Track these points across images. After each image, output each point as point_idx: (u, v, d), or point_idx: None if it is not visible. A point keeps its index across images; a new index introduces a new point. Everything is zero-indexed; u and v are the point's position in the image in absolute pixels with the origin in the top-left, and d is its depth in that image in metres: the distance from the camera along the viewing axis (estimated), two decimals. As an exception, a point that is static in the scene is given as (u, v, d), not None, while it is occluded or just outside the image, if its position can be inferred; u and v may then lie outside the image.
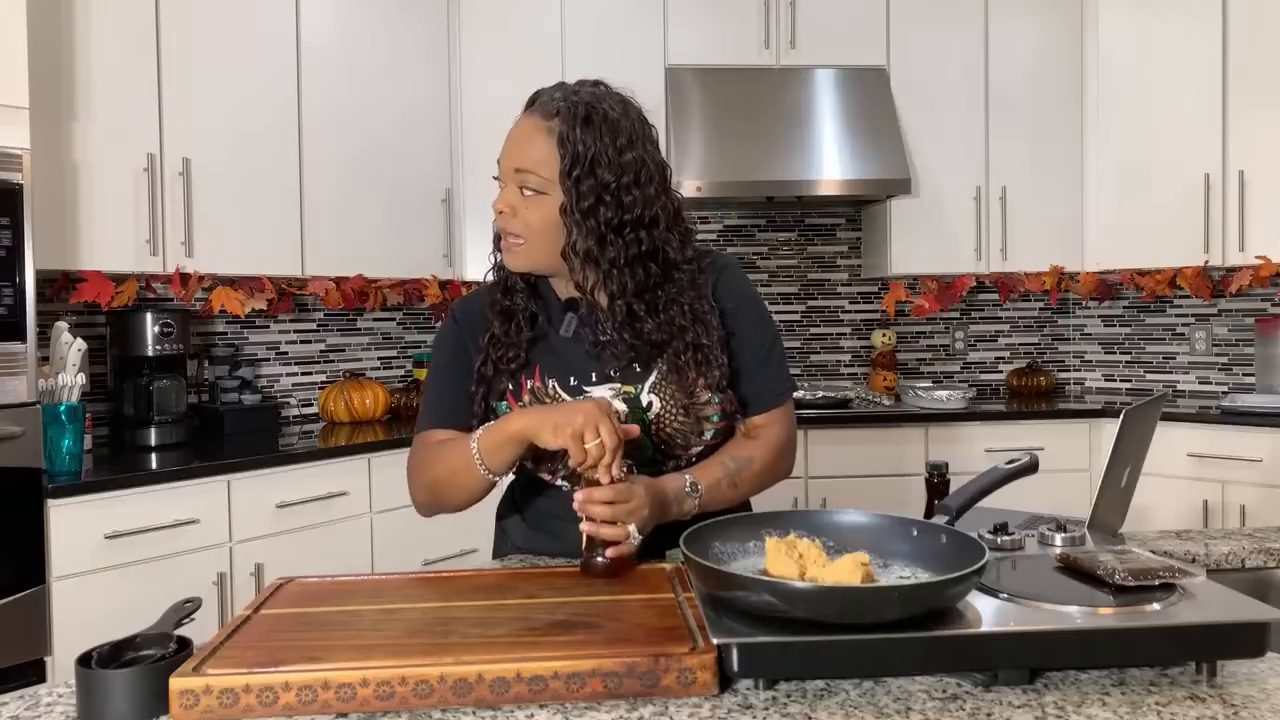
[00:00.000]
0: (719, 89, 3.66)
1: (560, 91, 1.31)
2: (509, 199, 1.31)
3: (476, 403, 1.37)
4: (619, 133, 1.28)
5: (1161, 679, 0.92)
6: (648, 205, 1.29)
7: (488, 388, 1.37)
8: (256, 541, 2.66)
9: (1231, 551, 1.55)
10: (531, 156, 1.28)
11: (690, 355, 1.33)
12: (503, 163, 1.31)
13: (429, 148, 3.55)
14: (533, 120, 1.30)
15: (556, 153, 1.26)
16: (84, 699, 0.86)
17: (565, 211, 1.27)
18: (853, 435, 3.46)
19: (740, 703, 0.88)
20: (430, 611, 1.05)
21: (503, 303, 1.38)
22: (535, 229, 1.29)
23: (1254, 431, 3.20)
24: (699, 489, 1.31)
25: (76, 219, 2.61)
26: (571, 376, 1.36)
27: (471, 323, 1.41)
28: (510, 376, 1.37)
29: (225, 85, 2.94)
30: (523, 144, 1.29)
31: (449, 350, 1.43)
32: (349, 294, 3.37)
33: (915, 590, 0.93)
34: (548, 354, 1.38)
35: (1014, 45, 3.82)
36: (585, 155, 1.26)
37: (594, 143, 1.26)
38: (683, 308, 1.33)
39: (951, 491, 1.30)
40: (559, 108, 1.28)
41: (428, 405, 1.43)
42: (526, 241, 1.31)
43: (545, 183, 1.28)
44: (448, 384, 1.41)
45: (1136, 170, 3.69)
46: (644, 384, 1.35)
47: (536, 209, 1.29)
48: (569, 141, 1.26)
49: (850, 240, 4.16)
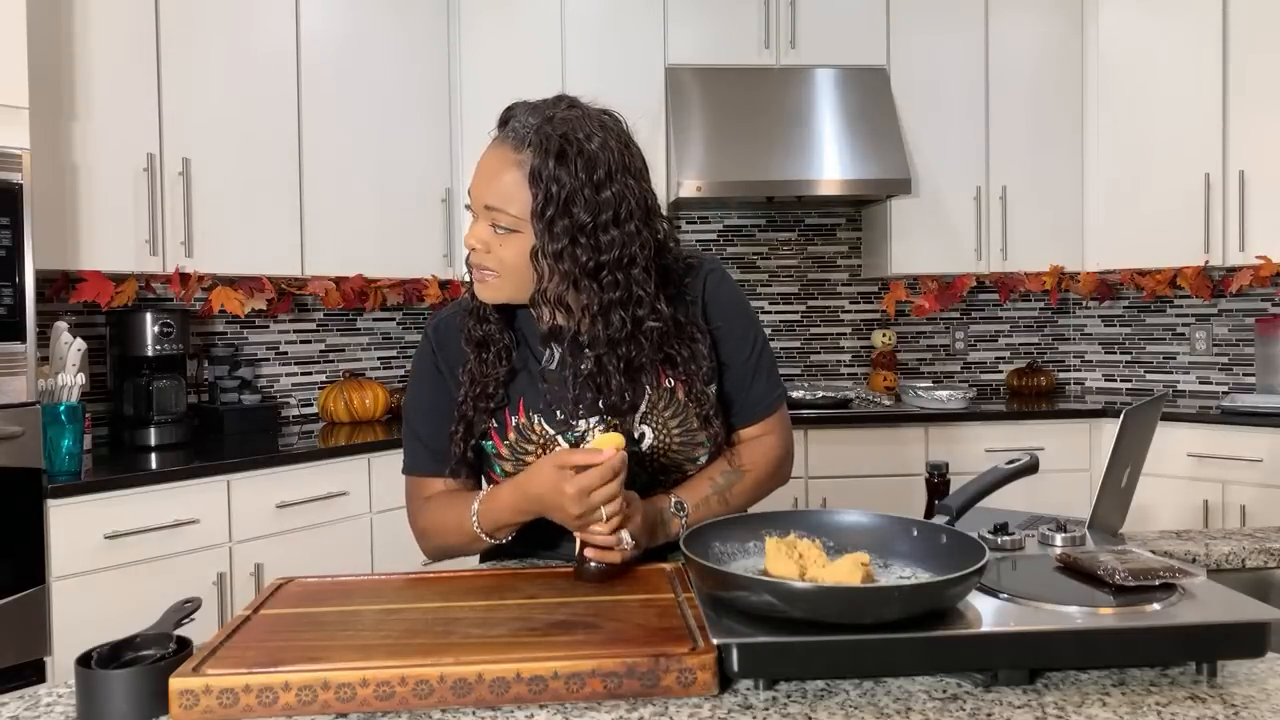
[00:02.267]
0: (719, 89, 3.66)
1: (534, 117, 1.20)
2: (480, 234, 1.22)
3: (456, 443, 1.31)
4: (596, 166, 1.18)
5: (1161, 679, 0.92)
6: (627, 244, 1.20)
7: (468, 428, 1.30)
8: (256, 541, 2.66)
9: (1231, 551, 1.55)
10: (501, 193, 1.19)
11: (674, 371, 1.29)
12: (473, 195, 1.23)
13: (429, 148, 3.55)
14: (502, 151, 1.20)
15: (528, 190, 1.17)
16: (84, 699, 0.86)
17: (536, 255, 1.19)
18: (853, 435, 3.46)
19: (740, 703, 0.88)
20: (430, 611, 1.05)
21: (476, 332, 1.30)
22: (509, 266, 1.22)
23: (1254, 431, 3.20)
24: (685, 508, 1.29)
25: (76, 219, 2.61)
26: (558, 411, 1.29)
27: (447, 349, 1.35)
28: (492, 414, 1.31)
29: (225, 85, 2.94)
30: (492, 179, 1.20)
31: (427, 381, 1.37)
32: (349, 294, 3.37)
33: (915, 590, 0.93)
34: (530, 387, 1.31)
35: (1014, 45, 3.82)
36: (559, 195, 1.16)
37: (569, 180, 1.16)
38: (663, 349, 1.27)
39: (951, 491, 1.30)
40: (530, 138, 1.18)
41: (412, 447, 1.38)
42: (500, 276, 1.23)
43: (516, 221, 1.19)
44: (429, 424, 1.35)
45: (1137, 170, 3.69)
46: (634, 416, 1.29)
47: (509, 246, 1.21)
48: (541, 180, 1.16)
49: (850, 240, 4.16)
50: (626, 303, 1.22)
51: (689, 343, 1.29)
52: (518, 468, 1.30)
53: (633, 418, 1.29)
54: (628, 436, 1.26)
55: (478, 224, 1.23)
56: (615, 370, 1.25)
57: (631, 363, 1.26)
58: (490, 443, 1.33)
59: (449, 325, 1.36)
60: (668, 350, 1.28)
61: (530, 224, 1.18)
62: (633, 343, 1.24)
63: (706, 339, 1.32)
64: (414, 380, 1.40)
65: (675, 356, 1.29)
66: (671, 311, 1.27)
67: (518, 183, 1.18)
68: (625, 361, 1.25)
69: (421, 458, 1.36)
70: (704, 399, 1.30)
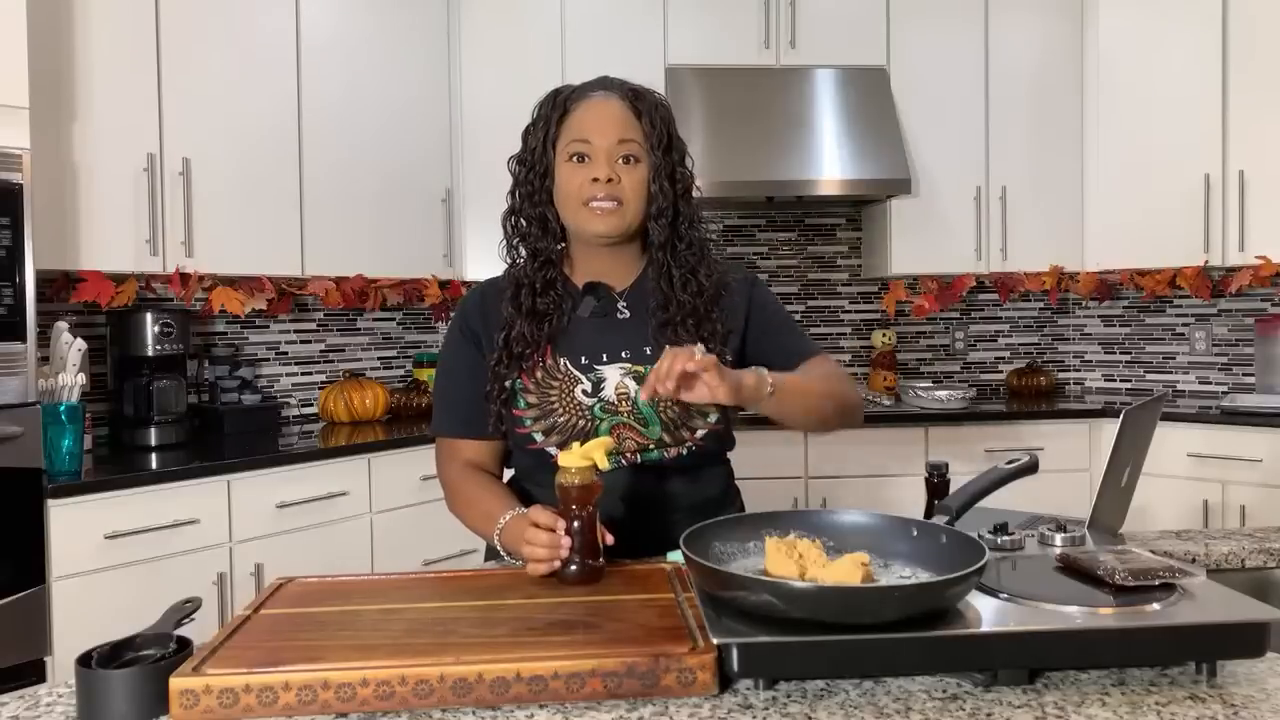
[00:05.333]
0: (719, 89, 3.66)
1: (621, 82, 1.46)
2: (609, 169, 1.39)
3: (492, 400, 1.42)
4: (673, 119, 1.46)
5: (1161, 679, 0.92)
6: (692, 181, 1.46)
7: (501, 384, 1.42)
8: (256, 541, 2.66)
9: (1231, 551, 1.55)
10: (630, 126, 1.40)
11: (697, 338, 1.39)
12: (596, 138, 1.39)
13: (429, 147, 3.55)
14: (612, 101, 1.42)
15: (645, 128, 1.41)
16: (84, 699, 0.87)
17: (656, 175, 1.41)
18: (853, 435, 3.45)
19: (740, 703, 0.88)
20: (430, 611, 1.05)
21: (535, 304, 1.41)
22: (631, 193, 1.39)
23: (1254, 431, 3.20)
24: (768, 378, 1.27)
25: (76, 219, 2.61)
26: (583, 356, 1.41)
27: (481, 314, 1.47)
28: (523, 364, 1.42)
29: (225, 85, 2.94)
30: (615, 120, 1.40)
31: (456, 346, 1.49)
32: (349, 294, 3.37)
33: (915, 590, 0.93)
34: (560, 335, 1.43)
35: (1014, 45, 3.82)
36: (666, 131, 1.43)
37: (669, 121, 1.44)
38: (707, 292, 1.43)
39: (951, 491, 1.30)
40: (637, 90, 1.44)
41: (443, 403, 1.51)
42: (624, 205, 1.39)
43: (640, 150, 1.40)
44: (456, 389, 1.48)
45: (1137, 170, 3.69)
46: (653, 365, 1.36)
47: (634, 174, 1.40)
48: (655, 118, 1.42)
49: (850, 240, 4.16)
50: (694, 221, 1.46)
51: (713, 321, 1.43)
52: (541, 400, 1.41)
53: (650, 367, 1.36)
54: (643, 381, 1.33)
55: (599, 164, 1.38)
56: (680, 279, 1.42)
57: (674, 318, 1.41)
58: (519, 380, 1.42)
59: (485, 292, 1.50)
60: (701, 319, 1.42)
61: (648, 153, 1.41)
62: (685, 291, 1.42)
63: (725, 331, 1.44)
64: (445, 346, 1.53)
65: (703, 329, 1.42)
66: (711, 287, 1.44)
67: (635, 120, 1.41)
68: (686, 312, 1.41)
69: (448, 420, 1.50)
70: (719, 355, 1.38)
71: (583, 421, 1.38)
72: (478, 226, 3.58)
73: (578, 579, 1.16)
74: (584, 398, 1.39)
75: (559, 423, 1.39)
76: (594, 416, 1.38)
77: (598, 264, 1.46)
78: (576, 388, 1.40)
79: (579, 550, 1.17)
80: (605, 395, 1.39)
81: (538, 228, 1.43)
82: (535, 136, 1.43)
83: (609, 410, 1.39)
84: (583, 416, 1.38)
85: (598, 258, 1.45)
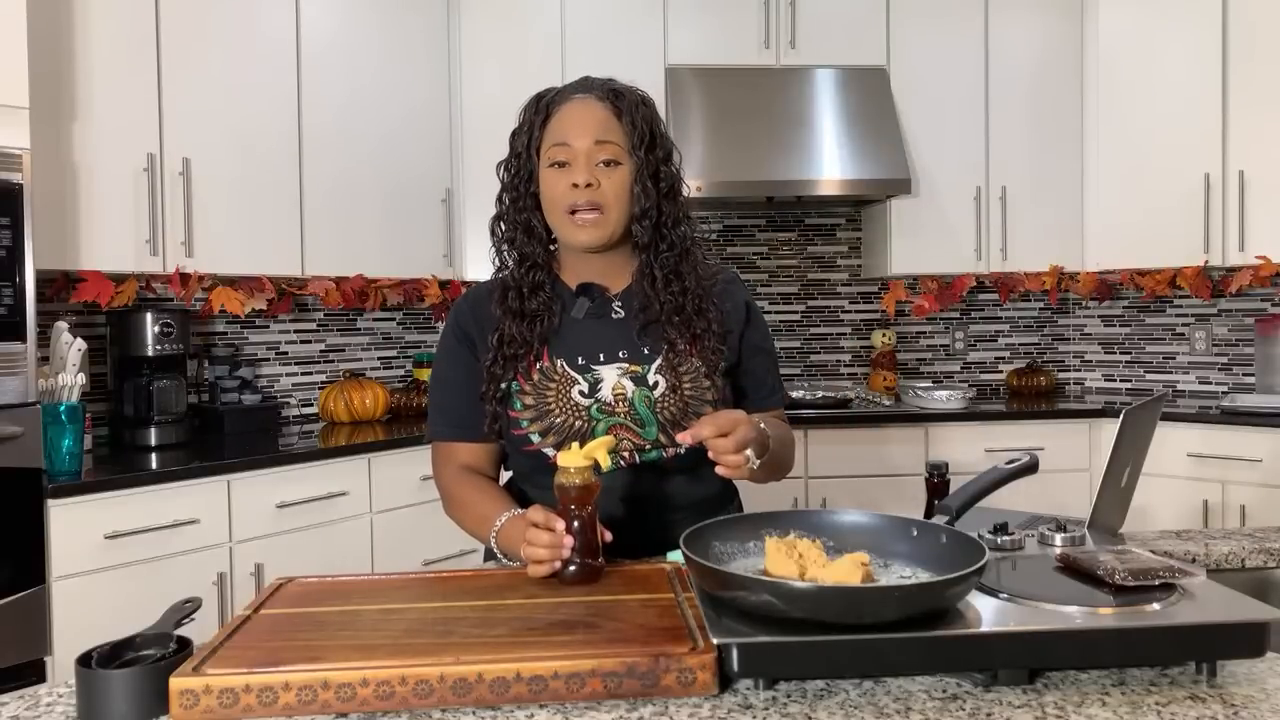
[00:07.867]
0: (719, 89, 3.66)
1: (603, 82, 1.44)
2: (589, 174, 1.37)
3: (488, 401, 1.42)
4: (657, 117, 1.45)
5: (1161, 679, 0.92)
6: (678, 180, 1.45)
7: (496, 384, 1.42)
8: (256, 541, 2.66)
9: (1231, 551, 1.55)
10: (609, 129, 1.39)
11: (690, 337, 1.41)
12: (575, 142, 1.37)
13: (429, 148, 3.55)
14: (592, 103, 1.40)
15: (626, 128, 1.39)
16: (84, 699, 0.86)
17: (637, 178, 1.39)
18: (853, 435, 3.46)
19: (740, 703, 0.88)
20: (430, 611, 1.05)
21: (523, 306, 1.41)
22: (612, 198, 1.38)
23: (1254, 431, 3.20)
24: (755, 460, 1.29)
25: (76, 219, 2.61)
26: (580, 356, 1.41)
27: (473, 316, 1.47)
28: (518, 365, 1.42)
29: (225, 85, 2.94)
30: (594, 123, 1.39)
31: (450, 352, 1.49)
32: (349, 294, 3.37)
33: (915, 590, 0.93)
34: (554, 336, 1.43)
35: (1014, 45, 3.82)
36: (646, 130, 1.40)
37: (652, 120, 1.42)
38: (692, 292, 1.42)
39: (951, 491, 1.30)
40: (613, 90, 1.42)
41: (437, 409, 1.50)
42: (606, 212, 1.38)
43: (620, 152, 1.38)
44: (451, 394, 1.48)
45: (1137, 170, 3.69)
46: (651, 365, 1.41)
47: (615, 177, 1.39)
48: (634, 118, 1.40)
49: (850, 240, 4.16)
50: (679, 225, 1.44)
51: (706, 319, 1.43)
52: (538, 401, 1.40)
53: (649, 366, 1.41)
54: (642, 382, 1.39)
55: (578, 169, 1.37)
56: (664, 282, 1.41)
57: (658, 318, 1.41)
58: (516, 383, 1.42)
59: (477, 295, 1.50)
60: (689, 318, 1.42)
61: (629, 154, 1.39)
62: (667, 291, 1.41)
63: (722, 331, 1.44)
64: (439, 352, 1.52)
65: (694, 327, 1.42)
66: (697, 286, 1.43)
67: (619, 122, 1.40)
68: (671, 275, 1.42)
69: (443, 424, 1.49)
70: (716, 354, 1.43)
71: (580, 422, 1.38)
72: (478, 227, 3.55)
73: (577, 579, 1.16)
74: (581, 398, 1.39)
75: (556, 424, 1.38)
76: (591, 417, 1.38)
77: (590, 266, 1.46)
78: (573, 388, 1.39)
79: (579, 550, 1.17)
80: (602, 396, 1.39)
81: (524, 233, 1.43)
82: (520, 141, 1.43)
83: (606, 411, 1.38)
84: (580, 417, 1.38)
85: (589, 261, 1.45)
